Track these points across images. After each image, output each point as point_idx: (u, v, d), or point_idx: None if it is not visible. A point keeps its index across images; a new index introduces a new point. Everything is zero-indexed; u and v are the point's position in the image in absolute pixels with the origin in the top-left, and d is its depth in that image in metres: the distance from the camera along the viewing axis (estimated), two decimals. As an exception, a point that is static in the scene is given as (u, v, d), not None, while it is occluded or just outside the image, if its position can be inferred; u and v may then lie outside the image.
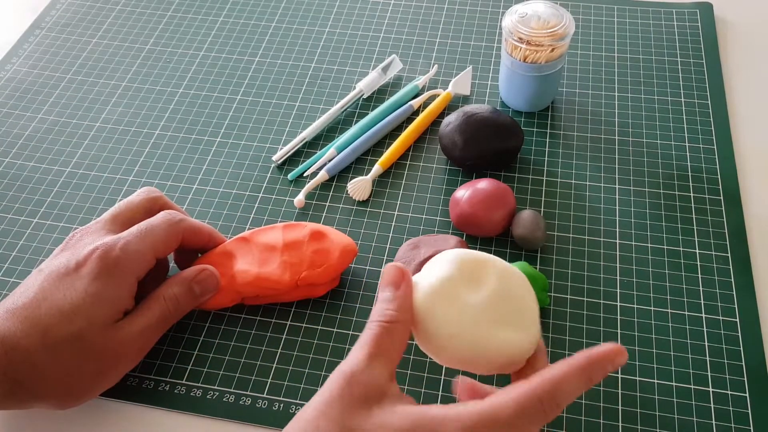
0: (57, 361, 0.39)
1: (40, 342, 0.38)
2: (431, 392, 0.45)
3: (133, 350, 0.41)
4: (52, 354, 0.38)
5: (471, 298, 0.36)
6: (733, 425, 0.42)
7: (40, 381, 0.39)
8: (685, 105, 0.61)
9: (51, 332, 0.38)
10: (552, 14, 0.55)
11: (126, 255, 0.41)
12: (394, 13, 0.71)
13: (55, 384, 0.39)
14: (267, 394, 0.45)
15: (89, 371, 0.40)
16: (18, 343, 0.38)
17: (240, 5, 0.73)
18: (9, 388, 0.39)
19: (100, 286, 0.40)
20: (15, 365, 0.38)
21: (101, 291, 0.40)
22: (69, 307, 0.39)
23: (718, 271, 0.50)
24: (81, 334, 0.39)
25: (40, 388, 0.39)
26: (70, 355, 0.39)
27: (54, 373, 0.39)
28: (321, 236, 0.48)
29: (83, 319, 0.39)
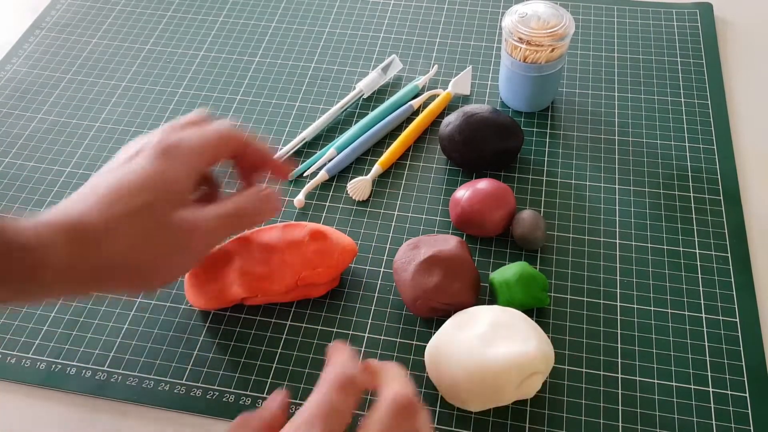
0: (123, 236, 0.38)
1: (102, 219, 0.37)
2: (430, 392, 0.45)
3: (202, 233, 0.40)
4: (118, 229, 0.37)
5: (462, 335, 0.42)
6: (733, 425, 0.42)
7: (109, 258, 0.38)
8: (685, 105, 0.61)
9: (115, 207, 0.38)
10: (552, 14, 0.55)
11: (182, 143, 0.40)
12: (394, 13, 0.71)
13: (122, 262, 0.38)
14: (267, 394, 0.45)
15: (156, 248, 0.39)
16: (84, 219, 0.37)
17: (240, 5, 0.73)
18: (83, 272, 0.37)
19: (160, 165, 0.39)
20: (85, 242, 0.37)
21: (163, 169, 0.39)
22: (131, 184, 0.38)
23: (718, 271, 0.50)
24: (145, 207, 0.38)
25: (111, 267, 0.38)
26: (137, 229, 0.38)
27: (121, 248, 0.38)
28: (321, 236, 0.48)
29: (148, 192, 0.38)
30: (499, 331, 0.42)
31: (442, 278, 0.45)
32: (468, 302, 0.46)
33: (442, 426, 0.43)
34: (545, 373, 0.41)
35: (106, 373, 0.46)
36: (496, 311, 0.43)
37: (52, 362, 0.47)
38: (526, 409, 0.44)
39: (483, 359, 0.40)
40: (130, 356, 0.47)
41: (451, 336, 0.42)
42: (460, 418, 0.43)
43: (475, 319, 0.43)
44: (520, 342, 0.41)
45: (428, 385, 0.45)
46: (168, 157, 0.40)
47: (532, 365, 0.40)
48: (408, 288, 0.46)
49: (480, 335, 0.41)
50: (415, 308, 0.46)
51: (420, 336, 0.47)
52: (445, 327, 0.44)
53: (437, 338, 0.43)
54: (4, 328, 0.49)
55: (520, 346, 0.41)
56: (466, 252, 0.47)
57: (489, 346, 0.41)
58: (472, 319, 0.43)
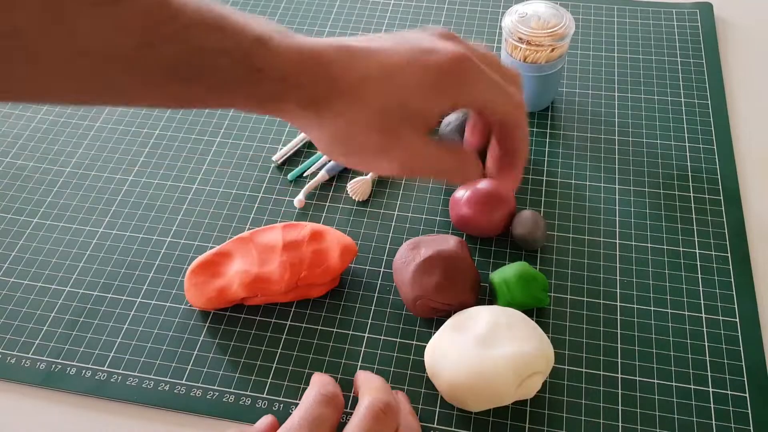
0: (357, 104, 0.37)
1: (356, 80, 0.37)
2: (430, 392, 0.45)
3: (409, 155, 0.39)
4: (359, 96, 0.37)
5: (462, 335, 0.42)
6: (733, 425, 0.42)
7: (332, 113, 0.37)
8: (685, 105, 0.61)
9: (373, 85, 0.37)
10: (552, 14, 0.55)
11: (470, 76, 0.39)
12: (394, 13, 0.71)
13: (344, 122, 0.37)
14: (267, 394, 0.45)
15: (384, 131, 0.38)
16: (334, 66, 0.37)
17: (240, 5, 0.73)
18: (307, 105, 0.37)
19: (436, 81, 0.38)
20: (323, 86, 0.37)
21: (434, 85, 0.38)
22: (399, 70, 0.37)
23: (718, 271, 0.50)
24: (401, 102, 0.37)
25: (329, 120, 0.38)
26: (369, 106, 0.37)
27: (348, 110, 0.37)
28: (321, 236, 0.48)
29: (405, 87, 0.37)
30: (499, 331, 0.42)
31: (441, 278, 0.45)
32: (468, 302, 0.46)
33: (442, 426, 0.43)
34: (545, 374, 0.41)
35: (106, 373, 0.46)
36: (496, 311, 0.43)
37: (52, 362, 0.47)
38: (526, 409, 0.44)
39: (483, 359, 0.40)
40: (130, 356, 0.47)
41: (451, 336, 0.42)
42: (460, 418, 0.43)
43: (475, 319, 0.43)
44: (520, 342, 0.41)
45: (428, 385, 0.45)
46: (455, 72, 0.38)
47: (532, 365, 0.40)
48: (408, 288, 0.46)
49: (480, 335, 0.41)
50: (415, 308, 0.46)
51: (420, 336, 0.47)
52: (445, 327, 0.44)
53: (437, 338, 0.43)
54: (4, 328, 0.49)
55: (520, 346, 0.41)
56: (465, 252, 0.47)
57: (489, 347, 0.41)
58: (472, 319, 0.43)
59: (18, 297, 0.50)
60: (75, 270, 0.52)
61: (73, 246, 0.53)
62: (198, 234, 0.54)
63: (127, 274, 0.51)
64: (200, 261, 0.48)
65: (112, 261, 0.52)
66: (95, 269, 0.52)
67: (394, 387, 0.45)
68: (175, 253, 0.53)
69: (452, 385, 0.41)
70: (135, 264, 0.52)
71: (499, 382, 0.40)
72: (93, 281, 0.51)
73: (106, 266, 0.52)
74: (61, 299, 0.50)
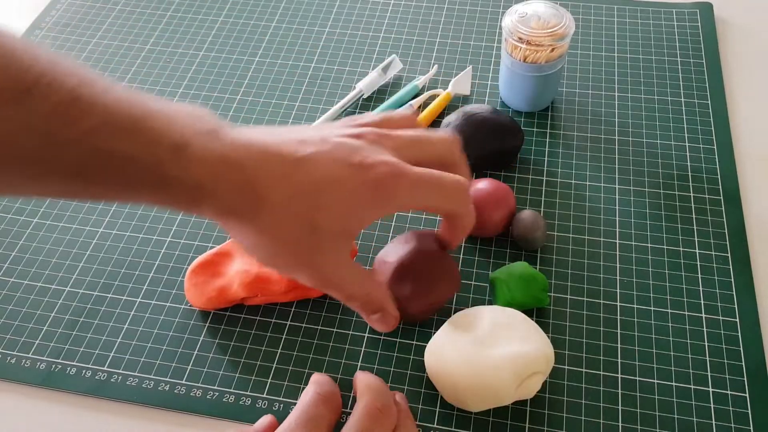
0: (277, 220, 0.36)
1: (278, 195, 0.36)
2: (430, 392, 0.45)
3: (325, 277, 0.38)
4: (278, 212, 0.36)
5: (462, 335, 0.42)
6: (733, 425, 0.42)
7: (254, 226, 0.36)
8: (685, 105, 0.61)
9: (293, 195, 0.36)
10: (552, 14, 0.55)
11: (401, 192, 0.38)
12: (394, 13, 0.71)
13: (265, 238, 0.37)
14: (267, 394, 0.45)
15: (293, 248, 0.37)
16: (257, 183, 0.35)
17: (240, 5, 0.73)
18: (227, 214, 0.36)
19: (363, 198, 0.37)
20: (244, 199, 0.35)
21: (360, 202, 0.37)
22: (323, 188, 0.36)
23: (718, 271, 0.50)
24: (314, 219, 0.36)
25: (251, 231, 0.36)
26: (292, 224, 0.36)
27: (269, 227, 0.36)
28: (321, 236, 0.48)
29: (330, 210, 0.36)
30: (499, 331, 0.42)
31: (414, 285, 0.44)
32: (448, 295, 0.45)
33: (442, 426, 0.43)
34: (545, 374, 0.41)
35: (106, 373, 0.46)
36: (496, 311, 0.43)
37: (52, 362, 0.47)
38: (526, 409, 0.44)
39: (483, 359, 0.40)
40: (130, 356, 0.47)
41: (451, 336, 0.42)
42: (460, 418, 0.43)
43: (475, 319, 0.43)
44: (520, 342, 0.41)
45: (428, 385, 0.45)
46: (381, 199, 0.37)
47: (532, 365, 0.40)
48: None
49: (480, 335, 0.41)
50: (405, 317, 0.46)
51: (420, 336, 0.47)
52: (445, 327, 0.44)
53: (437, 338, 0.43)
54: (4, 328, 0.49)
55: (520, 347, 0.41)
56: (430, 243, 0.46)
57: (489, 347, 0.41)
58: (472, 320, 0.43)
59: (18, 297, 0.50)
60: (75, 270, 0.52)
61: (73, 246, 0.53)
62: (198, 234, 0.54)
63: (127, 274, 0.51)
64: (200, 261, 0.48)
65: (112, 261, 0.52)
66: (95, 269, 0.52)
67: (394, 387, 0.45)
68: (175, 253, 0.53)
69: (452, 385, 0.41)
70: (135, 264, 0.52)
71: (499, 382, 0.40)
72: (93, 281, 0.51)
73: (106, 266, 0.52)
74: (61, 299, 0.50)
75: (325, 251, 0.38)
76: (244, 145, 0.36)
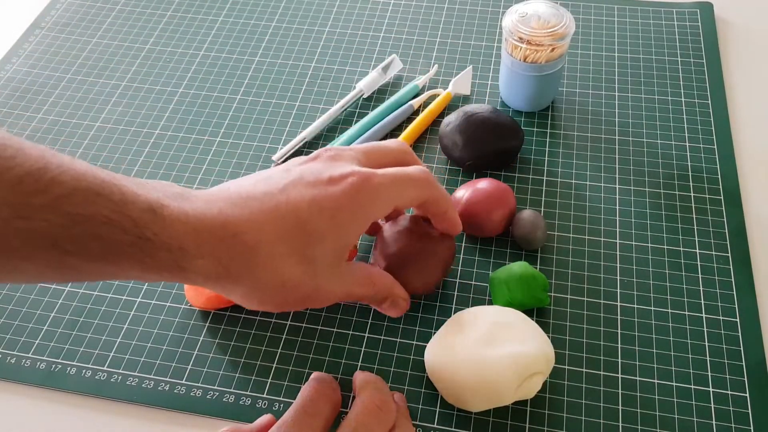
0: (273, 266, 0.36)
1: (266, 240, 0.35)
2: (430, 392, 0.45)
3: (332, 297, 0.39)
4: (272, 258, 0.36)
5: (463, 336, 0.42)
6: (733, 425, 0.42)
7: (250, 279, 0.36)
8: (685, 105, 0.61)
9: (281, 235, 0.36)
10: (552, 14, 0.55)
11: (377, 194, 0.38)
12: (394, 13, 0.71)
13: (262, 286, 0.36)
14: (267, 394, 0.45)
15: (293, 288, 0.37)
16: (243, 235, 0.35)
17: (240, 5, 0.73)
18: (218, 274, 0.35)
19: (345, 210, 0.37)
20: (233, 254, 0.35)
21: (344, 216, 0.37)
22: (306, 216, 0.36)
23: (718, 271, 0.50)
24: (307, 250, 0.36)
25: (247, 285, 0.36)
26: (288, 265, 0.36)
27: (265, 275, 0.36)
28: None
29: (318, 235, 0.36)
30: (499, 331, 0.42)
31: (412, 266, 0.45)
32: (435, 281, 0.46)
33: (442, 426, 0.43)
34: (546, 374, 0.41)
35: (106, 373, 0.46)
36: (496, 311, 0.43)
37: (52, 362, 0.47)
38: (526, 409, 0.44)
39: (483, 360, 0.40)
40: (130, 356, 0.47)
41: (451, 336, 0.42)
42: (460, 418, 0.43)
43: (475, 319, 0.43)
44: (520, 342, 0.41)
45: (428, 385, 0.45)
46: (357, 205, 0.37)
47: (532, 366, 0.40)
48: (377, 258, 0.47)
49: (480, 335, 0.41)
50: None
51: (420, 336, 0.47)
52: (445, 327, 0.44)
53: (437, 338, 0.43)
54: (4, 328, 0.49)
55: (520, 347, 0.41)
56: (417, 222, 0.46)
57: (489, 347, 0.41)
58: (472, 320, 0.43)
59: (18, 297, 0.50)
60: (75, 270, 0.52)
61: (73, 246, 0.53)
62: (198, 234, 0.54)
63: (127, 274, 0.51)
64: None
65: (112, 261, 0.52)
66: (95, 269, 0.52)
67: (393, 387, 0.45)
68: (175, 253, 0.53)
69: (452, 385, 0.41)
70: (135, 264, 0.52)
71: (500, 382, 0.40)
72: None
73: (106, 266, 0.52)
74: (61, 299, 0.50)
75: (327, 276, 0.38)
76: (222, 198, 0.36)
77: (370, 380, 0.39)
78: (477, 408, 0.41)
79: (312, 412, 0.37)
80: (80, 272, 0.32)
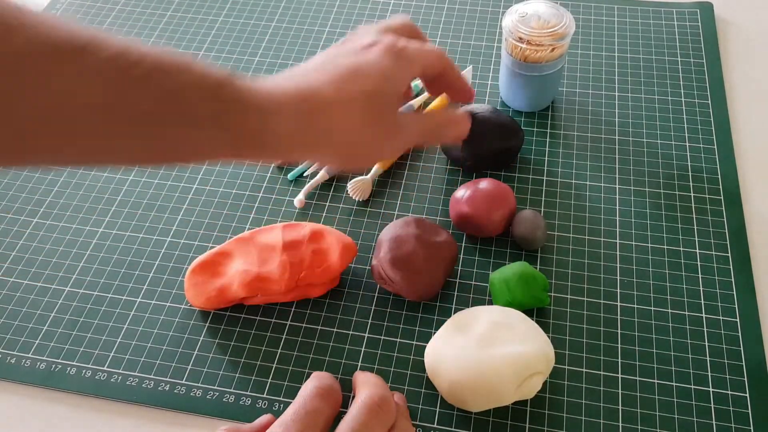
0: (349, 114, 0.40)
1: (335, 93, 0.39)
2: (430, 392, 0.45)
3: (405, 134, 0.43)
4: (346, 106, 0.40)
5: (463, 336, 0.42)
6: (733, 425, 0.42)
7: (331, 131, 0.40)
8: (685, 105, 0.61)
9: (350, 86, 0.40)
10: (552, 14, 0.55)
11: (407, 54, 0.43)
12: (394, 13, 0.71)
13: (341, 137, 0.40)
14: (267, 394, 0.45)
15: (375, 131, 0.41)
16: (318, 91, 0.39)
17: (240, 5, 0.73)
18: (296, 131, 0.39)
19: (388, 62, 0.41)
20: (310, 110, 0.39)
21: (390, 66, 0.41)
22: (369, 70, 0.41)
23: (718, 271, 0.50)
24: (377, 93, 0.40)
25: (330, 139, 0.40)
26: (365, 110, 0.40)
27: (344, 125, 0.40)
28: (321, 236, 0.48)
29: (381, 82, 0.41)
30: (499, 331, 0.42)
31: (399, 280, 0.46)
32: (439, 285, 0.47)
33: (442, 426, 0.43)
34: (545, 374, 0.41)
35: (106, 373, 0.46)
36: (496, 311, 0.43)
37: (52, 362, 0.47)
38: (526, 409, 0.44)
39: (483, 360, 0.40)
40: (130, 356, 0.47)
41: (451, 336, 0.42)
42: (460, 418, 0.43)
43: (475, 319, 0.43)
44: (520, 342, 0.41)
45: (428, 385, 0.45)
46: (398, 58, 0.42)
47: (532, 366, 0.40)
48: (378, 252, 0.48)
49: (480, 336, 0.41)
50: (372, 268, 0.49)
51: (420, 336, 0.47)
52: (445, 327, 0.44)
53: (437, 338, 0.43)
54: (4, 328, 0.49)
55: (520, 347, 0.41)
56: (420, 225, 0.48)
57: (489, 347, 0.41)
58: (472, 320, 0.43)
59: (18, 297, 0.50)
60: (75, 270, 0.52)
61: (73, 246, 0.53)
62: (198, 234, 0.54)
63: (127, 274, 0.51)
64: (200, 261, 0.48)
65: (112, 261, 0.52)
66: (95, 269, 0.52)
67: (394, 387, 0.45)
68: (175, 253, 0.53)
69: (452, 385, 0.41)
70: (135, 264, 0.52)
71: (499, 382, 0.40)
72: (93, 281, 0.51)
73: (106, 266, 0.52)
74: (61, 299, 0.50)
75: (392, 114, 0.42)
76: (283, 76, 0.40)
77: (370, 380, 0.39)
78: (477, 408, 0.41)
79: (312, 412, 0.37)
80: (177, 147, 0.35)
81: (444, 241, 0.48)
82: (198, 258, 0.49)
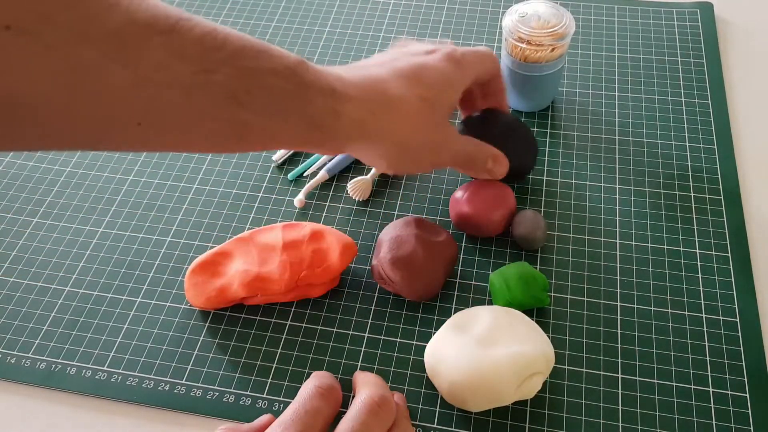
0: (408, 113, 0.41)
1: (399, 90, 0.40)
2: (430, 392, 0.45)
3: (447, 147, 0.44)
4: (408, 105, 0.41)
5: (462, 335, 0.42)
6: (733, 425, 0.42)
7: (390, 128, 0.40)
8: (685, 105, 0.61)
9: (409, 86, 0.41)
10: (552, 14, 0.55)
11: (464, 59, 0.44)
12: (394, 13, 0.71)
13: (396, 136, 0.41)
14: (267, 394, 0.45)
15: (425, 136, 0.42)
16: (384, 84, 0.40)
17: (240, 5, 0.73)
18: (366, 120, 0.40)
19: (452, 69, 0.43)
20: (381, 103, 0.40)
21: (451, 72, 0.43)
22: (431, 72, 0.42)
23: (718, 271, 0.50)
24: (436, 98, 0.42)
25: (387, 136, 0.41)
26: (423, 111, 0.41)
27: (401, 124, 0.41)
28: (321, 236, 0.48)
29: (441, 86, 0.42)
30: (499, 331, 0.42)
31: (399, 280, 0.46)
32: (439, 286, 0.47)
33: (442, 426, 0.43)
34: (545, 374, 0.41)
35: (106, 373, 0.46)
36: (496, 311, 0.43)
37: (52, 362, 0.47)
38: (526, 409, 0.44)
39: (483, 360, 0.40)
40: (130, 356, 0.47)
41: (451, 336, 0.42)
42: (460, 418, 0.43)
43: (475, 319, 0.43)
44: (520, 342, 0.41)
45: (428, 385, 0.45)
46: (458, 66, 0.44)
47: (532, 366, 0.40)
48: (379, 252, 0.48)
49: (480, 335, 0.41)
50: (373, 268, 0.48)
51: (420, 336, 0.47)
52: (444, 327, 0.44)
53: (437, 338, 0.43)
54: (4, 328, 0.49)
55: (520, 347, 0.41)
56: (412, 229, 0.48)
57: (489, 347, 0.41)
58: (472, 320, 0.43)
59: (18, 297, 0.50)
60: (75, 270, 0.52)
61: (73, 246, 0.53)
62: (198, 234, 0.54)
63: (127, 274, 0.51)
64: (200, 261, 0.48)
65: (112, 261, 0.52)
66: (95, 269, 0.52)
67: (394, 387, 0.45)
68: (175, 253, 0.53)
69: (452, 385, 0.41)
70: (135, 264, 0.52)
71: (499, 382, 0.40)
72: (93, 281, 0.51)
73: (106, 266, 0.52)
74: (61, 299, 0.50)
75: (446, 129, 0.43)
76: (352, 66, 0.41)
77: (370, 380, 0.39)
78: (477, 408, 0.41)
79: (312, 411, 0.37)
80: (251, 131, 0.36)
81: (444, 241, 0.48)
82: (198, 258, 0.49)
